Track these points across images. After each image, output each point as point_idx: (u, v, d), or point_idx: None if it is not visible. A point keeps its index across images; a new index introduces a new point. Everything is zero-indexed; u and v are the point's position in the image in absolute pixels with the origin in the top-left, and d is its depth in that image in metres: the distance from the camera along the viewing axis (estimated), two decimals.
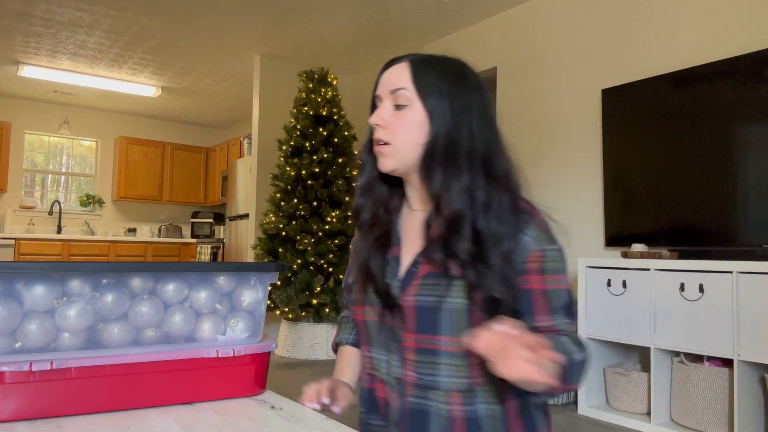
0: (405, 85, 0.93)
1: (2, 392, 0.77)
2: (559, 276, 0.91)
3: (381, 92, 0.96)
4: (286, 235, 4.22)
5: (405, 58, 0.97)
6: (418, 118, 0.92)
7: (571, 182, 3.50)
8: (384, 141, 0.94)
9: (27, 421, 0.78)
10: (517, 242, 0.90)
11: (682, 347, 2.55)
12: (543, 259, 0.90)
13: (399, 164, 0.94)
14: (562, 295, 0.90)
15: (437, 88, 0.92)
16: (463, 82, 0.95)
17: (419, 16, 4.16)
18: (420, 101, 0.92)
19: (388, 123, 0.94)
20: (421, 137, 0.92)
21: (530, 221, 0.92)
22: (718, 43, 2.85)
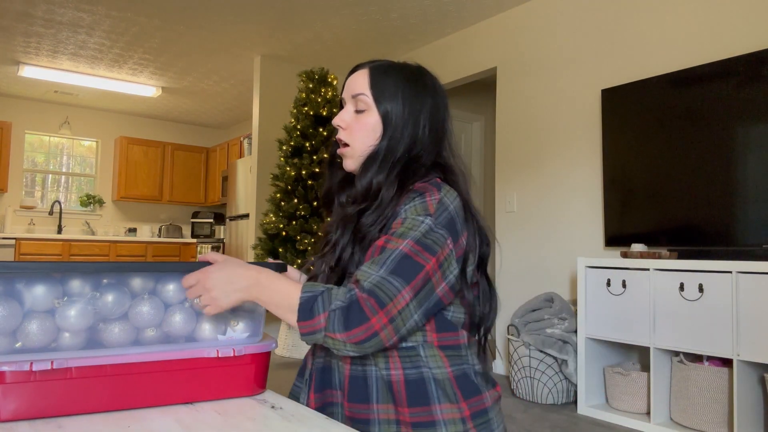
0: (364, 90, 1.01)
1: (2, 392, 0.77)
2: (402, 240, 0.87)
3: (345, 95, 1.05)
4: (286, 235, 4.22)
5: (367, 64, 1.04)
6: (374, 122, 1.00)
7: (571, 182, 3.51)
8: (345, 142, 1.03)
9: (27, 421, 0.78)
10: (394, 216, 0.94)
11: (681, 347, 2.55)
12: (401, 225, 0.89)
13: (357, 165, 1.02)
14: (391, 252, 0.86)
15: (392, 95, 1.00)
16: (417, 88, 1.02)
17: (419, 16, 4.16)
18: (375, 106, 1.00)
19: (348, 125, 1.03)
20: (372, 141, 1.00)
21: (416, 197, 0.92)
22: (718, 43, 2.85)
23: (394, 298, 0.82)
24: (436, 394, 0.89)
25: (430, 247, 0.86)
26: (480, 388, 0.93)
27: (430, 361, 0.90)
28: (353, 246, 0.96)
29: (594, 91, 3.39)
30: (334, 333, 0.81)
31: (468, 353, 0.95)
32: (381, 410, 0.90)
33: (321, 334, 0.82)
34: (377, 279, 0.83)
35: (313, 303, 0.83)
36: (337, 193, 1.09)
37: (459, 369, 0.93)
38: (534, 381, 3.12)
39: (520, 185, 3.84)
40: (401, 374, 0.90)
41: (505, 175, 3.95)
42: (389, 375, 0.90)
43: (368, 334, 0.81)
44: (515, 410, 2.98)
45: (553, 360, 3.08)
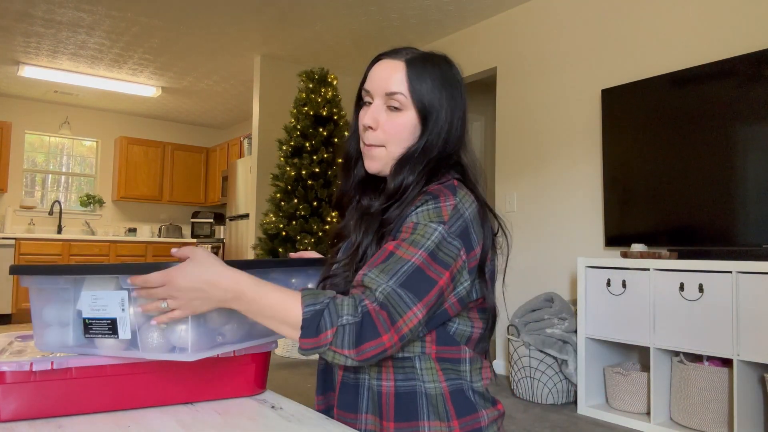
0: (401, 89, 0.92)
1: (2, 392, 0.77)
2: (415, 249, 0.81)
3: (372, 90, 0.95)
4: (286, 235, 4.22)
5: (400, 55, 0.95)
6: (412, 123, 0.93)
7: (571, 182, 3.51)
8: (376, 144, 0.94)
9: (27, 421, 0.78)
10: (404, 217, 0.88)
11: (681, 347, 2.55)
12: (412, 231, 0.84)
13: (385, 166, 0.96)
14: (404, 263, 0.80)
15: (430, 92, 0.93)
16: (451, 81, 0.95)
17: (419, 16, 4.16)
18: (414, 108, 0.93)
19: (380, 125, 0.94)
20: (409, 142, 0.94)
21: (430, 200, 0.86)
22: (718, 43, 2.85)
23: (404, 314, 0.77)
24: (426, 410, 0.84)
25: (444, 261, 0.82)
26: (476, 406, 0.88)
27: (424, 374, 0.86)
28: (377, 246, 0.89)
29: (594, 91, 3.39)
30: (342, 349, 0.75)
31: (469, 369, 0.90)
32: (369, 421, 0.86)
33: (325, 348, 0.76)
34: (389, 291, 0.77)
35: (320, 319, 0.75)
36: (354, 195, 1.01)
37: (454, 384, 0.87)
38: (534, 381, 3.12)
39: (520, 185, 3.84)
40: (392, 386, 0.86)
41: (505, 175, 3.95)
42: (380, 386, 0.86)
43: (377, 351, 0.76)
44: (515, 410, 2.98)
45: (553, 360, 3.08)
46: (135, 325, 0.81)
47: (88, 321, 0.82)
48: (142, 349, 0.81)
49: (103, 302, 0.81)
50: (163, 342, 0.80)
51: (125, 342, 0.82)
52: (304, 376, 3.59)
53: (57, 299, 0.86)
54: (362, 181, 1.01)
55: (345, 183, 1.03)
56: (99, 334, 0.82)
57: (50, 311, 0.87)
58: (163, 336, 0.80)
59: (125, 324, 0.80)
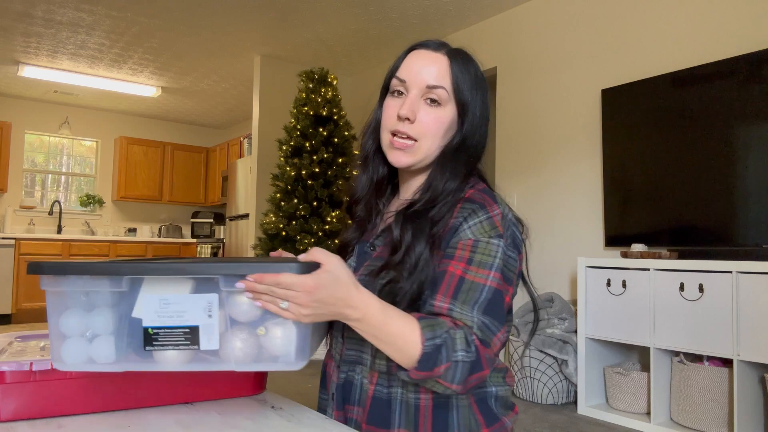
0: (444, 84, 0.89)
1: (2, 392, 0.77)
2: (489, 272, 0.80)
3: (410, 80, 0.90)
4: (286, 235, 4.22)
5: (440, 48, 0.92)
6: (450, 119, 0.90)
7: (571, 182, 3.51)
8: (410, 136, 0.89)
9: (27, 421, 0.78)
10: (451, 229, 0.85)
11: (681, 347, 2.55)
12: (472, 248, 0.81)
13: (418, 162, 0.91)
14: (481, 289, 0.79)
15: (471, 92, 0.91)
16: (484, 90, 0.94)
17: (419, 16, 4.16)
18: (454, 104, 0.90)
19: (417, 118, 0.89)
20: (447, 137, 0.91)
21: (479, 211, 0.84)
22: (718, 43, 2.85)
23: (493, 341, 0.78)
24: (457, 422, 0.84)
25: (509, 278, 0.83)
26: (501, 413, 0.88)
27: None
28: (431, 250, 0.84)
29: (594, 91, 3.39)
30: (449, 383, 0.74)
31: (497, 376, 0.90)
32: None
33: (432, 381, 0.75)
34: (479, 323, 0.77)
35: (438, 354, 0.73)
36: (372, 196, 0.98)
37: (481, 393, 0.87)
38: (534, 381, 3.12)
39: (521, 185, 3.84)
40: (430, 399, 0.84)
41: (506, 175, 3.95)
42: (417, 399, 0.84)
43: (478, 383, 0.77)
44: None
45: (553, 360, 3.08)
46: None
47: (152, 331, 0.69)
48: (228, 359, 0.70)
49: (178, 307, 0.68)
50: (249, 351, 0.70)
51: (196, 352, 0.70)
52: (304, 376, 3.59)
53: (89, 304, 0.71)
54: (382, 179, 0.98)
55: (366, 180, 0.98)
56: (170, 346, 0.69)
57: (75, 319, 0.70)
58: (250, 344, 0.70)
59: (211, 332, 0.68)
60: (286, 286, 0.66)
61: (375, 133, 0.96)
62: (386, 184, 1.00)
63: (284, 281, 0.66)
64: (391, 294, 0.83)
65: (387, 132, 0.92)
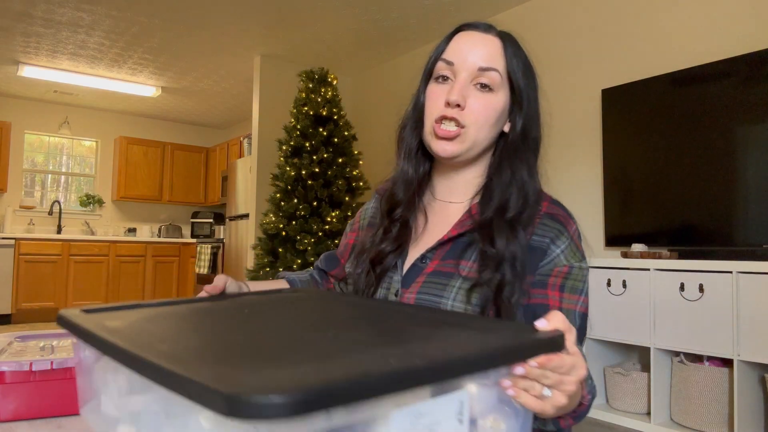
0: (497, 66, 0.82)
1: (2, 392, 0.77)
2: (579, 297, 0.78)
3: (458, 62, 0.82)
4: (286, 235, 4.22)
5: (491, 30, 0.85)
6: (503, 105, 0.83)
7: (571, 182, 3.50)
8: (459, 122, 0.81)
9: (27, 421, 0.78)
10: (542, 250, 0.80)
11: (682, 347, 2.55)
12: (567, 276, 0.78)
13: (466, 151, 0.83)
14: (576, 317, 0.77)
15: (523, 76, 0.84)
16: (533, 68, 0.88)
17: (419, 16, 4.16)
18: (508, 87, 0.83)
19: (467, 104, 0.81)
20: (498, 126, 0.85)
21: (564, 232, 0.81)
22: (718, 43, 2.85)
23: None
24: None
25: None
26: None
27: None
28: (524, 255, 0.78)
29: (594, 91, 3.39)
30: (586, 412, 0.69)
31: None
32: None
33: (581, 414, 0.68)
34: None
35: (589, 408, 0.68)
36: (419, 188, 0.89)
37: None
38: None
39: None
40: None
41: None
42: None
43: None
44: None
45: None
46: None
47: None
48: None
49: (431, 419, 0.45)
50: None
51: None
52: None
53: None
54: (422, 177, 0.89)
55: (408, 180, 0.88)
56: None
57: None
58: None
59: None
60: (567, 366, 0.51)
61: (418, 123, 0.87)
62: (427, 181, 0.91)
63: (567, 362, 0.51)
64: (485, 296, 0.76)
65: (431, 120, 0.83)
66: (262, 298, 0.79)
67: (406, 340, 0.52)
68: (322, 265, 1.07)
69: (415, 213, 0.90)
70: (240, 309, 0.71)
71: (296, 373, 0.38)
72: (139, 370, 0.44)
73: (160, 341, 0.52)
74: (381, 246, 0.87)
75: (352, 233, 1.04)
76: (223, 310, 0.70)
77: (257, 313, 0.68)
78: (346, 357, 0.45)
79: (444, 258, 0.83)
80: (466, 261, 0.81)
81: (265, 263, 4.19)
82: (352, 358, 0.44)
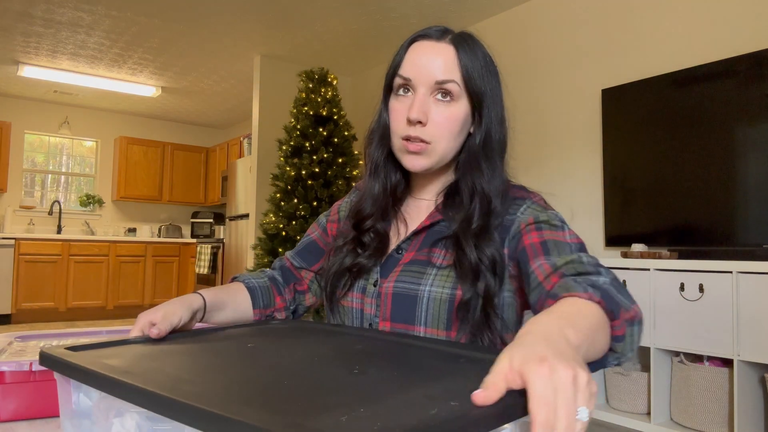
0: (453, 77, 0.82)
1: (2, 392, 0.77)
2: (563, 232, 0.78)
3: (415, 77, 0.83)
4: (286, 235, 4.22)
5: (443, 36, 0.85)
6: (464, 115, 0.84)
7: (571, 182, 3.50)
8: (423, 140, 0.83)
9: (27, 421, 0.78)
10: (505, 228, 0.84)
11: (682, 347, 2.55)
12: (536, 223, 0.80)
13: (435, 164, 0.86)
14: (570, 246, 0.76)
15: (483, 81, 0.84)
16: (494, 68, 0.89)
17: (419, 16, 4.16)
18: (467, 96, 0.84)
19: (429, 119, 0.82)
20: (464, 133, 0.86)
21: (525, 202, 0.85)
22: (718, 43, 2.85)
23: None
24: None
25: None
26: None
27: None
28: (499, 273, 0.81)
29: (594, 91, 3.39)
30: (635, 305, 0.70)
31: None
32: None
33: (638, 321, 0.68)
34: (582, 253, 0.76)
35: (603, 293, 0.64)
36: (390, 202, 0.91)
37: None
38: None
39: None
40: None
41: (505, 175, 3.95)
42: None
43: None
44: None
45: None
46: None
47: None
48: None
49: None
50: None
51: None
52: None
53: None
54: (394, 187, 0.91)
55: (377, 194, 0.91)
56: None
57: None
58: None
59: None
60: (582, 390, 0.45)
61: (383, 140, 0.90)
62: (402, 189, 0.94)
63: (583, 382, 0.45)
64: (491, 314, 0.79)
65: (398, 137, 0.85)
66: (255, 330, 0.79)
67: (434, 378, 0.52)
68: (297, 261, 1.03)
69: (395, 221, 0.93)
70: (241, 344, 0.69)
71: (371, 418, 0.38)
72: (177, 416, 0.40)
73: (181, 382, 0.49)
74: (358, 259, 0.90)
75: (332, 224, 1.03)
76: (223, 347, 0.68)
77: (263, 349, 0.67)
78: (392, 398, 0.44)
79: (419, 248, 0.87)
80: (438, 250, 0.85)
81: (265, 263, 4.19)
82: (402, 400, 0.44)
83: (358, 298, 0.90)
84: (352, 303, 0.90)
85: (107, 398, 0.49)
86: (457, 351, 0.63)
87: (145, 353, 0.63)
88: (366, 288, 0.89)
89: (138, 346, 0.68)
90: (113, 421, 0.49)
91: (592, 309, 0.61)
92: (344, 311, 0.92)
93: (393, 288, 0.85)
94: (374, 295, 0.87)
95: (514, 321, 0.86)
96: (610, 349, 0.65)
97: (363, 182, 0.96)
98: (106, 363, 0.54)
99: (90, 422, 0.53)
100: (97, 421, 0.51)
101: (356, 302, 0.90)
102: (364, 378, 0.52)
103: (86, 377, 0.52)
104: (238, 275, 1.00)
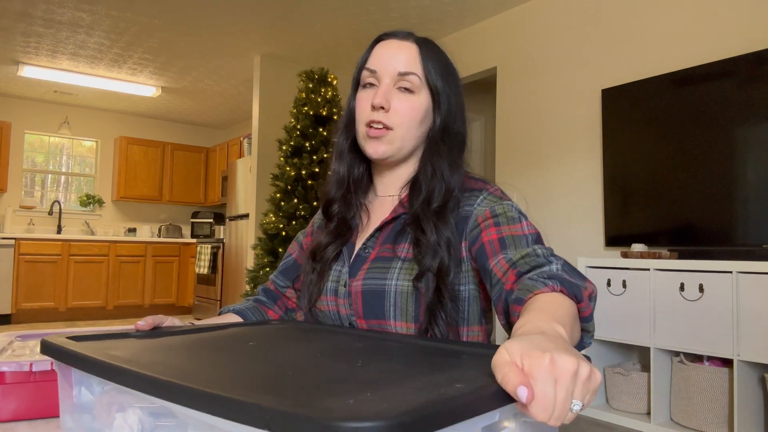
0: (415, 70, 0.89)
1: (2, 392, 0.77)
2: (520, 224, 0.82)
3: (380, 69, 0.90)
4: (286, 235, 4.22)
5: (409, 37, 0.93)
6: (425, 105, 0.90)
7: (571, 182, 3.50)
8: (386, 125, 0.88)
9: (27, 421, 0.78)
10: (462, 219, 0.87)
11: (681, 347, 2.55)
12: (492, 216, 0.84)
13: (395, 151, 0.90)
14: (529, 241, 0.80)
15: (441, 76, 0.91)
16: (455, 75, 0.95)
17: (419, 16, 4.16)
18: (428, 88, 0.90)
19: (392, 106, 0.89)
20: (425, 125, 0.91)
21: (482, 194, 0.88)
22: (718, 43, 2.85)
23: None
24: None
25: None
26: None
27: None
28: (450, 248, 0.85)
29: (594, 91, 3.39)
30: (590, 286, 0.72)
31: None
32: None
33: (593, 299, 0.70)
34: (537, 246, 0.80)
35: (557, 278, 0.68)
36: (352, 190, 0.96)
37: None
38: None
39: (520, 185, 3.83)
40: None
41: (505, 175, 3.95)
42: None
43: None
44: None
45: None
46: None
47: None
48: None
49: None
50: None
51: None
52: None
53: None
54: (358, 177, 0.97)
55: (340, 179, 0.96)
56: None
57: None
58: None
59: None
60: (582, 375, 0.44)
61: (349, 128, 0.96)
62: (365, 180, 0.99)
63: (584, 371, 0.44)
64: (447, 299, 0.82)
65: (362, 124, 0.91)
66: (254, 330, 0.80)
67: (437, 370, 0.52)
68: (280, 281, 1.07)
69: (357, 212, 0.97)
70: (241, 341, 0.70)
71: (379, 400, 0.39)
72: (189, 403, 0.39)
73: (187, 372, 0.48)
74: (319, 239, 0.96)
75: (306, 238, 1.08)
76: (225, 344, 0.68)
77: (264, 346, 0.67)
78: (401, 386, 0.45)
79: (383, 244, 0.91)
80: (401, 244, 0.88)
81: (265, 263, 4.19)
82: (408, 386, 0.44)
83: (332, 301, 0.93)
84: (327, 306, 0.93)
85: (109, 392, 0.48)
86: (458, 348, 0.65)
87: (148, 347, 0.63)
88: (337, 290, 0.92)
89: (140, 340, 0.68)
90: (115, 416, 0.48)
91: (560, 299, 0.64)
92: (323, 315, 0.95)
93: (362, 286, 0.88)
94: (345, 295, 0.91)
95: (478, 314, 0.89)
96: (583, 329, 0.68)
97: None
98: (109, 353, 0.53)
99: (91, 417, 0.52)
100: (98, 415, 0.50)
101: (331, 305, 0.93)
102: (367, 369, 0.52)
103: (90, 366, 0.50)
104: (224, 307, 1.03)
